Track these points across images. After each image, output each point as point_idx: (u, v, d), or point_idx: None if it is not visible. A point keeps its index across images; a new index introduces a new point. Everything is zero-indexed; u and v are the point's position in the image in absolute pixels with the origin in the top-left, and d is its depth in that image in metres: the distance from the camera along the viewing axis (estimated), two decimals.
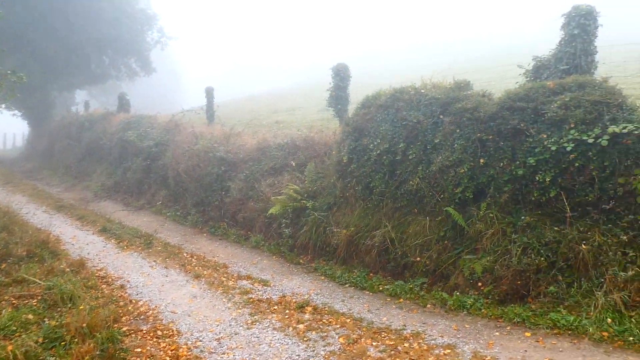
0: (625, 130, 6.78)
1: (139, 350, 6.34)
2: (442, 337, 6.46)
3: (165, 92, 58.56)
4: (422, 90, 9.40)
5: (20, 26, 27.36)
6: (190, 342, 6.64)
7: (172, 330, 7.05)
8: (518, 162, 7.66)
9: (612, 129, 6.85)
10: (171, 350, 6.39)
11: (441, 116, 8.81)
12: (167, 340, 6.72)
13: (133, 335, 6.81)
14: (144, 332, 6.97)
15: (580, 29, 8.64)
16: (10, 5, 24.91)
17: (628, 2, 42.40)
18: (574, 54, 8.67)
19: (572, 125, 7.23)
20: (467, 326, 6.73)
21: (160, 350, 6.38)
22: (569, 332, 6.13)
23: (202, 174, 14.43)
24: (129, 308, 7.89)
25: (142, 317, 7.57)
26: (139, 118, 21.38)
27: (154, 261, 10.54)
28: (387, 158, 9.34)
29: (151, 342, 6.66)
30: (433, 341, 6.36)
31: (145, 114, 22.01)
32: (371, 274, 9.03)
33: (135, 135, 19.24)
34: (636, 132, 6.71)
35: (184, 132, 17.42)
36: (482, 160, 8.05)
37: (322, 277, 9.34)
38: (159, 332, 6.97)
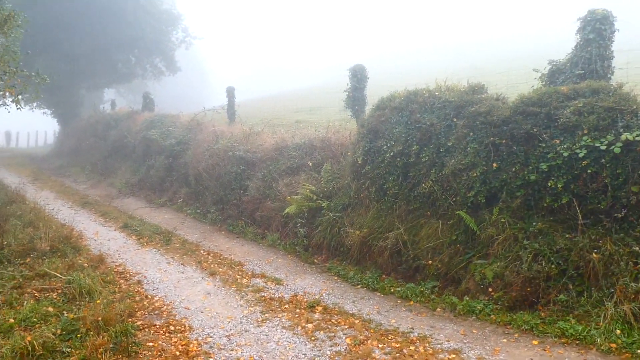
0: (639, 138, 6.69)
1: (150, 344, 6.54)
2: (448, 341, 6.49)
3: (192, 91, 59.46)
4: (437, 93, 9.41)
5: (49, 28, 28.16)
6: (201, 338, 6.81)
7: (185, 326, 7.24)
8: (531, 167, 7.63)
9: (626, 136, 6.77)
10: (182, 345, 6.57)
11: (455, 119, 8.81)
12: (178, 335, 6.91)
13: (146, 330, 7.03)
14: (157, 327, 7.17)
15: (596, 34, 8.53)
16: (38, 8, 25.65)
17: None
18: (589, 58, 8.56)
19: (585, 132, 7.17)
20: (474, 331, 6.75)
21: (172, 345, 6.57)
22: (577, 341, 6.07)
23: (222, 173, 14.66)
24: (145, 303, 8.12)
25: (156, 312, 7.79)
26: (161, 117, 21.81)
27: (172, 258, 10.79)
28: (401, 160, 9.39)
29: (163, 336, 6.85)
30: (439, 345, 6.40)
31: (168, 113, 22.44)
32: (383, 276, 9.08)
33: (158, 134, 19.64)
34: None
35: (205, 131, 17.70)
36: (494, 165, 8.04)
37: (335, 277, 9.44)
38: (172, 327, 7.17)
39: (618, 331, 5.93)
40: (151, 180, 18.94)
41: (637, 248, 6.40)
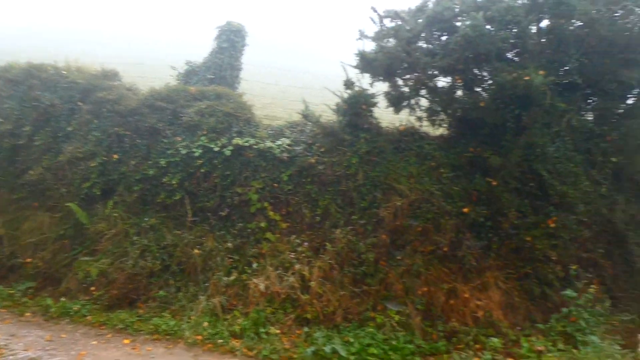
0: (247, 144, 7.29)
1: None
2: (26, 350, 5.62)
3: None
4: (64, 72, 8.47)
5: None
6: None
7: None
8: (151, 162, 7.50)
9: (237, 141, 7.29)
10: None
11: (80, 103, 8.07)
12: None
13: None
14: None
15: (229, 44, 9.13)
16: None
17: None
18: (221, 65, 9.08)
19: (204, 132, 7.45)
20: (63, 336, 6.05)
21: None
22: (168, 337, 6.07)
23: None
24: None
25: None
26: None
27: None
28: (9, 141, 8.06)
29: None
30: (12, 357, 5.46)
31: None
32: None
33: None
34: (256, 146, 7.28)
35: None
36: (115, 156, 7.61)
37: None
38: None
39: (206, 323, 6.17)
40: None
41: (231, 245, 6.87)
